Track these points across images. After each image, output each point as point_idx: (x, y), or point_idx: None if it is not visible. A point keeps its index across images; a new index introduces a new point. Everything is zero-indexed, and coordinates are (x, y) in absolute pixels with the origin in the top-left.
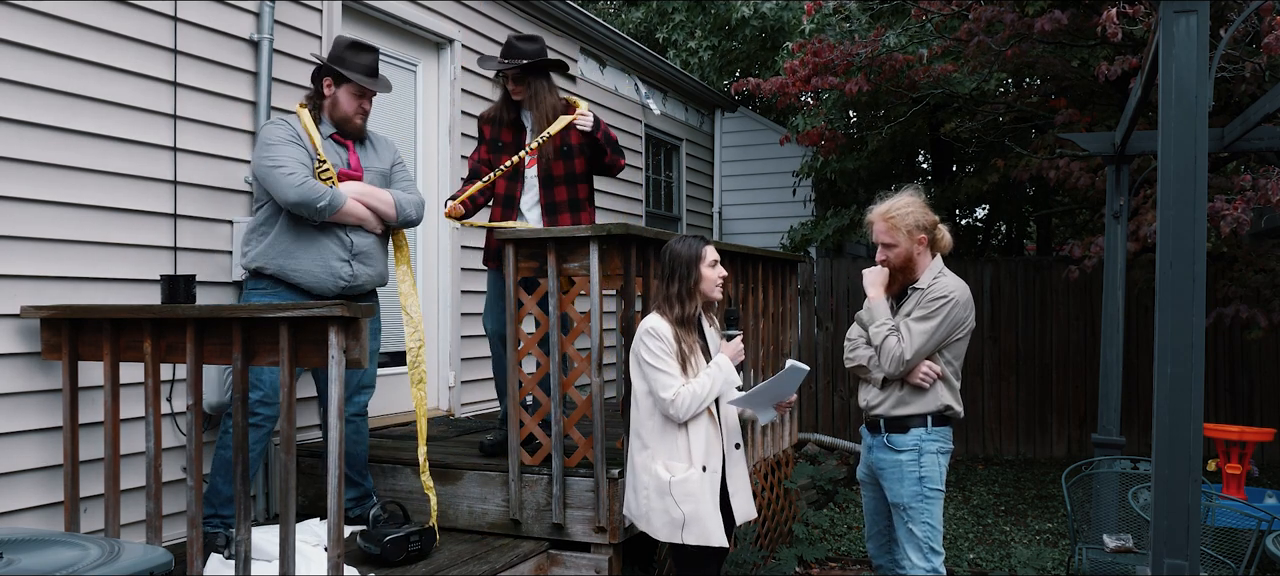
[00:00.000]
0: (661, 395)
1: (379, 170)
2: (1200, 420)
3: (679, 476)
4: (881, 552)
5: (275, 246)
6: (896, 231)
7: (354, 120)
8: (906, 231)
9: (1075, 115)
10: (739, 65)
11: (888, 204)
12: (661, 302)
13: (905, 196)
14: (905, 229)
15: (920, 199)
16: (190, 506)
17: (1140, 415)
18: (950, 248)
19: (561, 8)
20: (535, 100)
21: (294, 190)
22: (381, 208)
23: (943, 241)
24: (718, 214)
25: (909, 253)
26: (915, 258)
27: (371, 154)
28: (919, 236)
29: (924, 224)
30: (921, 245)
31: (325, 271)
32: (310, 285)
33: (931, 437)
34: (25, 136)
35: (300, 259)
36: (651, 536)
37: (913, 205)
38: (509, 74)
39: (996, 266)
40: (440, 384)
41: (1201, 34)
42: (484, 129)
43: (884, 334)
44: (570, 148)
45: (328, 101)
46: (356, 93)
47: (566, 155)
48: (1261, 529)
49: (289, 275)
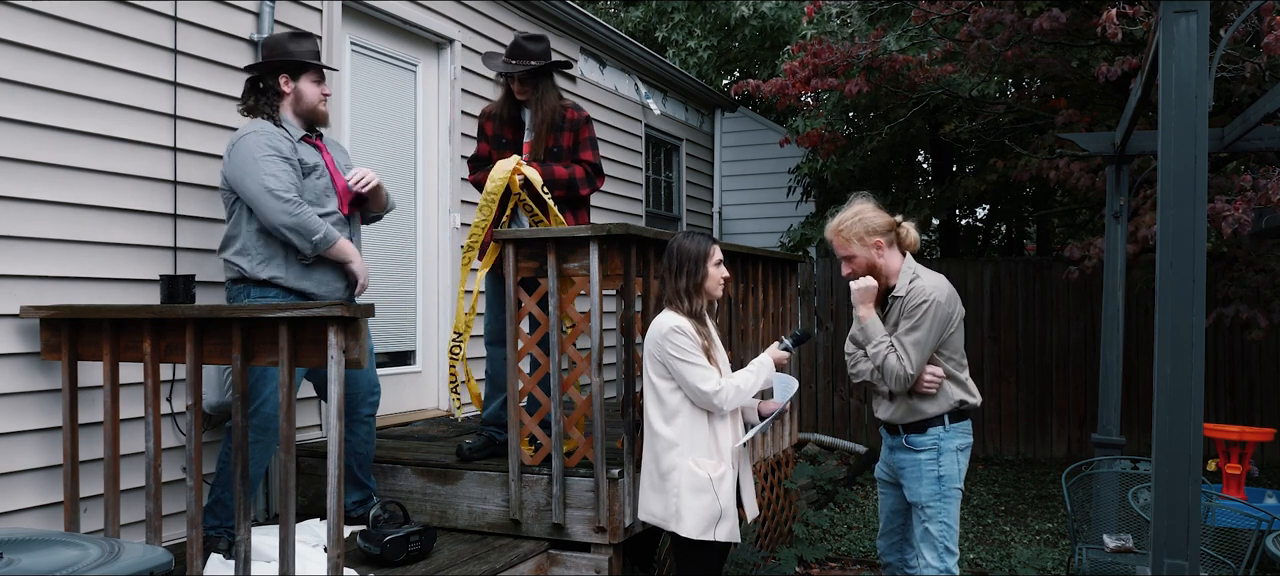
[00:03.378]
0: (703, 388)
1: (344, 163)
2: (1200, 420)
3: (717, 473)
4: (891, 551)
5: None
6: (849, 243)
7: (319, 108)
8: (858, 239)
9: (1075, 115)
10: (738, 65)
11: (836, 219)
12: (672, 298)
13: (853, 206)
14: (856, 237)
15: (869, 205)
16: (190, 506)
17: (1140, 415)
18: (917, 245)
19: (561, 7)
20: (539, 102)
21: (287, 215)
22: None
23: (907, 239)
24: (717, 214)
25: (869, 259)
26: (878, 261)
27: (337, 154)
28: (874, 241)
29: (875, 227)
30: (879, 249)
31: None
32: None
33: (950, 435)
34: (25, 136)
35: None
36: (679, 534)
37: (860, 213)
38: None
39: (996, 266)
40: (440, 384)
41: (1201, 34)
42: (486, 126)
43: (883, 354)
44: (562, 149)
45: (289, 98)
46: (316, 79)
47: (556, 156)
48: (1261, 529)
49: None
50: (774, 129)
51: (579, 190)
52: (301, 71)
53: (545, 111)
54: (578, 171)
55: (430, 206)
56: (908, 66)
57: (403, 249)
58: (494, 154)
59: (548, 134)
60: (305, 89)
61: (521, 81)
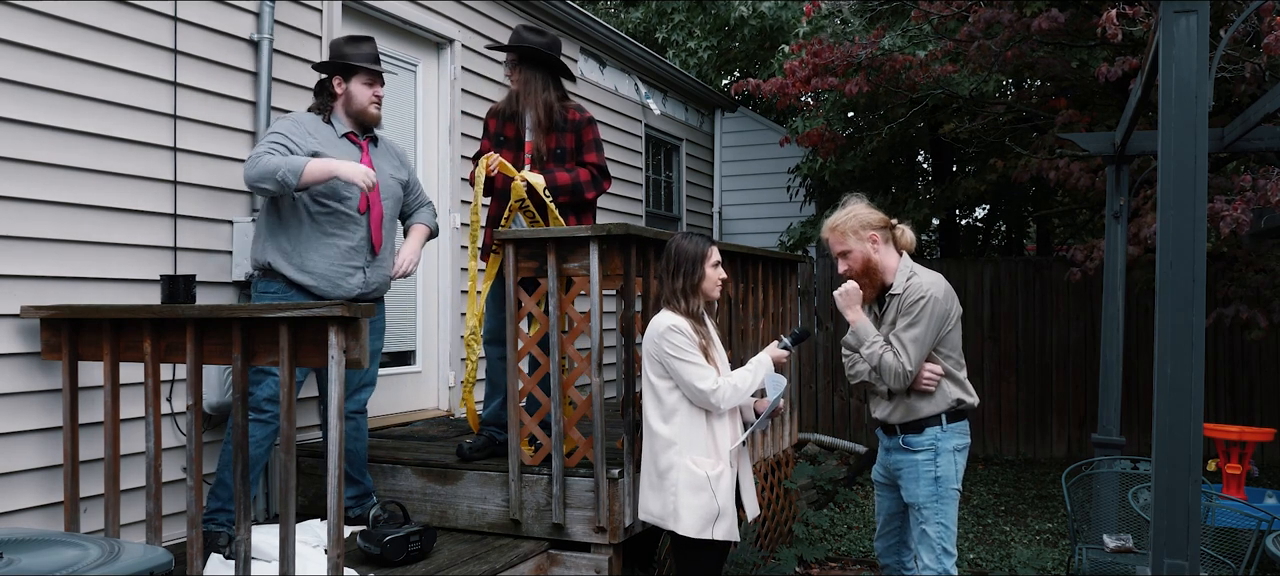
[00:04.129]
0: (700, 387)
1: (392, 175)
2: (1200, 420)
3: (715, 471)
4: (889, 552)
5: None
6: (845, 237)
7: (370, 110)
8: (853, 233)
9: (1075, 115)
10: (738, 65)
11: (832, 217)
12: (670, 298)
13: (848, 207)
14: (852, 232)
15: (863, 204)
16: (190, 506)
17: (1140, 415)
18: (913, 246)
19: (561, 8)
20: (527, 91)
21: (249, 169)
22: (350, 175)
23: (903, 239)
24: (717, 214)
25: (866, 254)
26: (874, 257)
27: (386, 159)
28: (869, 234)
29: (869, 221)
30: (875, 243)
31: (339, 279)
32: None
33: (947, 435)
34: (25, 136)
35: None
36: (678, 533)
37: (854, 210)
38: (510, 58)
39: (996, 266)
40: (440, 384)
41: (1201, 34)
42: (490, 122)
43: (879, 354)
44: (565, 150)
45: (341, 99)
46: (367, 81)
47: (559, 158)
48: (1261, 529)
49: (297, 279)
50: (774, 129)
51: (584, 194)
52: (352, 73)
53: (540, 106)
54: (582, 175)
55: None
56: (908, 66)
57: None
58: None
59: (548, 134)
60: (356, 90)
61: (512, 67)
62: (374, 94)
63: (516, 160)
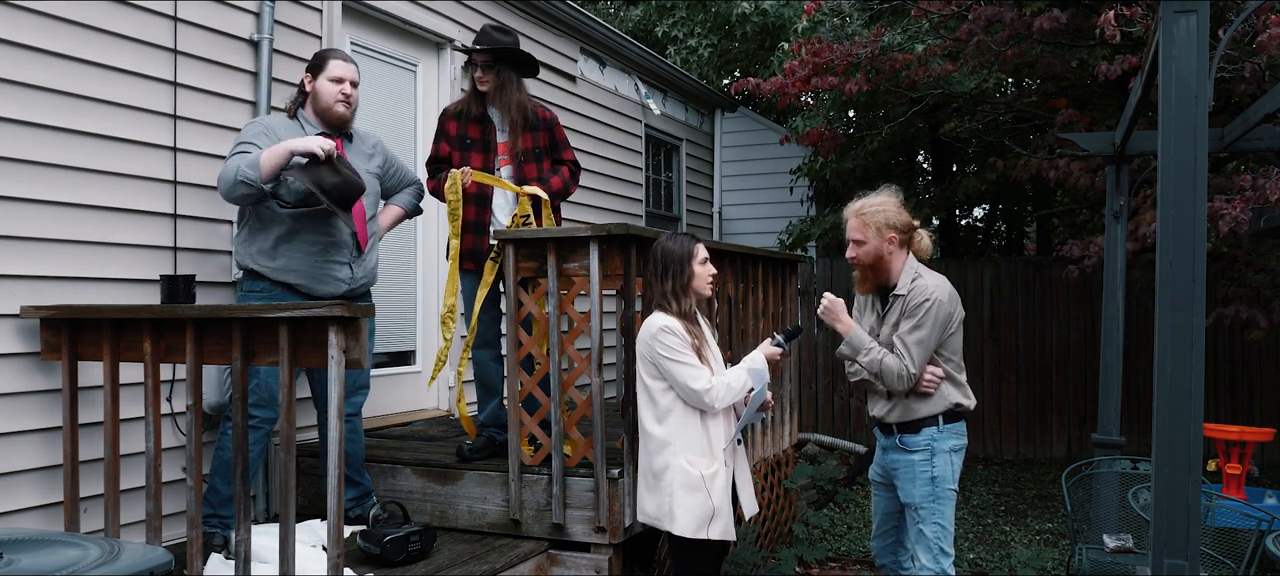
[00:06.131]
0: (693, 387)
1: (366, 170)
2: (1200, 420)
3: (710, 471)
4: (886, 552)
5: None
6: (867, 227)
7: (335, 107)
8: (876, 228)
9: (1075, 115)
10: (738, 64)
11: (863, 201)
12: (661, 299)
13: (882, 195)
14: (875, 226)
15: (897, 199)
16: (190, 506)
17: (1140, 415)
18: (928, 254)
19: (561, 8)
20: (501, 93)
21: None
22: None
23: (920, 245)
24: (718, 214)
25: (878, 250)
26: (886, 256)
27: (359, 156)
28: (889, 235)
29: (896, 223)
30: (892, 244)
31: (322, 275)
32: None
33: (944, 436)
34: (25, 136)
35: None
36: (674, 533)
37: (887, 204)
38: (478, 61)
39: (996, 266)
40: (440, 384)
41: (1201, 34)
42: (448, 125)
43: (878, 359)
44: (540, 149)
45: (310, 96)
46: (333, 78)
47: (536, 157)
48: (1261, 529)
49: (279, 277)
50: (774, 129)
51: (569, 193)
52: (320, 70)
53: (514, 106)
54: (566, 173)
55: (430, 206)
56: (908, 65)
57: (402, 249)
58: (455, 155)
59: (524, 133)
60: (322, 87)
61: (485, 68)
62: (340, 92)
63: (487, 162)
